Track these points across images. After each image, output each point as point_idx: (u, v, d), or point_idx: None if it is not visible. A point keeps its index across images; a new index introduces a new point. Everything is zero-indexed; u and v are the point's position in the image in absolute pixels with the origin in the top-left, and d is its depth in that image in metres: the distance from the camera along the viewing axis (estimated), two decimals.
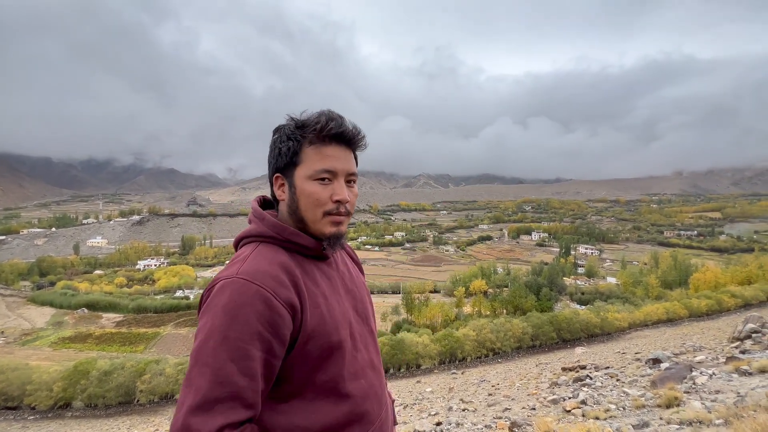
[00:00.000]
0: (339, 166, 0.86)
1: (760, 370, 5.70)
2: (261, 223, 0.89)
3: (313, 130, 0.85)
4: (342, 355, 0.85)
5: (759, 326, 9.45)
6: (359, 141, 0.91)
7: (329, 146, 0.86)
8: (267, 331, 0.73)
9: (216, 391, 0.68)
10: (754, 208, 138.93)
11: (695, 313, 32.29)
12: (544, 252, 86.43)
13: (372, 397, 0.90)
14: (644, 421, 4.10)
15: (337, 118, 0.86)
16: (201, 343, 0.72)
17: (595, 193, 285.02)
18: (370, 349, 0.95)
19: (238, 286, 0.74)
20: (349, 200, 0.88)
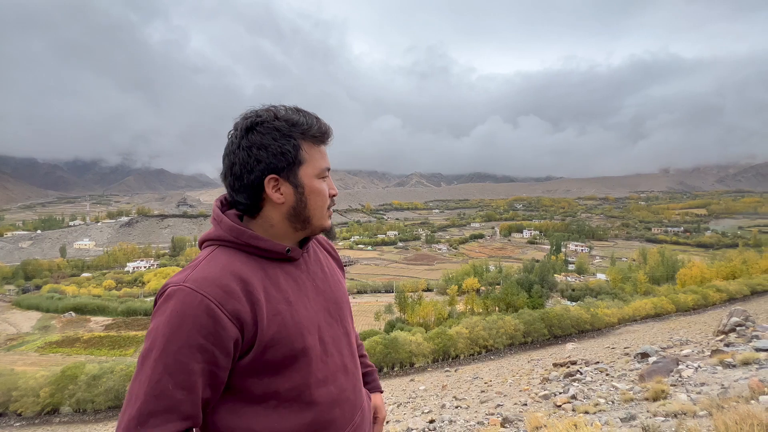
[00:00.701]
0: (330, 164, 0.92)
1: (743, 362, 5.85)
2: (219, 226, 0.85)
3: (317, 130, 0.86)
4: (308, 362, 0.82)
5: (743, 320, 9.69)
6: (332, 140, 0.94)
7: (322, 145, 0.90)
8: (209, 343, 0.71)
9: (151, 404, 0.68)
10: (737, 205, 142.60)
11: (682, 308, 33.00)
12: (535, 249, 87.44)
13: (342, 402, 0.88)
14: (632, 414, 4.18)
15: (318, 117, 0.88)
16: (145, 352, 0.72)
17: (584, 191, 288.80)
18: (343, 352, 0.92)
19: (183, 295, 0.72)
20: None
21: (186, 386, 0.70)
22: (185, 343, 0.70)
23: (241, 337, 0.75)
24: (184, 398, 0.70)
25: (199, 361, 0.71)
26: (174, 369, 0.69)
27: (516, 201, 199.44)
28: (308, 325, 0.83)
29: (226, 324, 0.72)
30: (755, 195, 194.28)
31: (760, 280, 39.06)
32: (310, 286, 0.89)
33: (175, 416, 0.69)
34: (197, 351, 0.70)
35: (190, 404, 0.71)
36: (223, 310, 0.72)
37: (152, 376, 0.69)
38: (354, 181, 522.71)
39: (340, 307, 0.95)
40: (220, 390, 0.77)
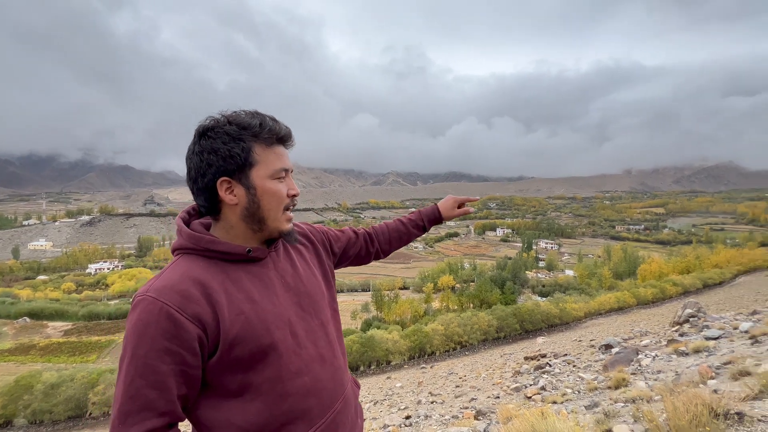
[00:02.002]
0: (288, 164, 0.93)
1: (694, 350, 6.30)
2: (180, 235, 0.90)
3: (269, 131, 0.88)
4: (278, 355, 0.86)
5: (696, 311, 10.41)
6: (291, 140, 0.96)
7: (278, 146, 0.91)
8: (174, 345, 0.77)
9: (128, 405, 0.75)
10: (692, 204, 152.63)
11: (642, 301, 35.05)
12: (508, 247, 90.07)
13: (319, 392, 0.91)
14: (595, 402, 4.42)
15: (275, 119, 0.91)
16: (120, 358, 0.79)
17: (554, 191, 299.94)
18: (319, 344, 0.95)
19: (146, 304, 0.78)
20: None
21: (157, 386, 0.76)
22: (151, 348, 0.76)
23: (205, 336, 0.80)
24: (156, 397, 0.76)
25: (167, 363, 0.76)
26: (144, 371, 0.75)
27: (490, 200, 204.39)
28: (275, 321, 0.87)
29: (187, 326, 0.78)
30: (707, 195, 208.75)
31: (711, 274, 42.12)
32: (278, 284, 0.92)
33: (151, 413, 0.76)
34: (164, 353, 0.76)
35: (164, 402, 0.77)
36: (183, 314, 0.78)
37: (125, 379, 0.76)
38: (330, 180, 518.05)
39: (314, 300, 0.98)
40: (197, 386, 0.82)
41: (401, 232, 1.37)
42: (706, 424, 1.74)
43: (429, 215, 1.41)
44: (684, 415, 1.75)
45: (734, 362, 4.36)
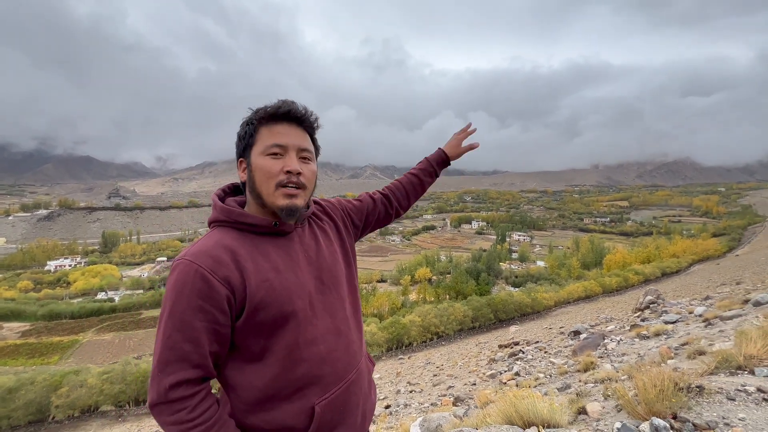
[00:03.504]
0: (289, 141, 0.96)
1: (655, 333, 6.74)
2: (214, 210, 0.99)
3: (264, 112, 0.95)
4: (297, 323, 0.93)
5: (655, 298, 11.11)
6: (308, 120, 1.00)
7: (280, 125, 0.96)
8: (207, 304, 0.86)
9: (166, 354, 0.85)
10: (653, 198, 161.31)
11: (608, 290, 36.98)
12: (482, 239, 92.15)
13: (333, 361, 0.98)
14: (567, 384, 4.66)
15: (287, 101, 0.97)
16: (160, 315, 0.88)
17: (527, 184, 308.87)
18: (336, 316, 1.02)
19: (183, 266, 0.87)
20: (302, 172, 0.96)
21: (192, 340, 0.85)
22: (187, 306, 0.85)
23: (233, 298, 0.88)
24: (191, 350, 0.86)
25: (200, 320, 0.86)
26: (181, 326, 0.85)
27: (465, 193, 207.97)
28: (297, 291, 0.94)
29: (218, 287, 0.86)
30: (667, 189, 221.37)
31: (669, 263, 44.98)
32: (302, 257, 1.00)
33: (186, 365, 0.85)
34: (198, 311, 0.85)
35: (197, 355, 0.86)
36: (215, 276, 0.86)
37: (164, 332, 0.86)
38: None
39: (334, 275, 1.05)
40: (226, 345, 0.91)
41: (415, 184, 1.44)
42: (671, 396, 1.89)
43: (437, 159, 1.48)
44: (652, 390, 1.89)
45: (690, 343, 4.71)
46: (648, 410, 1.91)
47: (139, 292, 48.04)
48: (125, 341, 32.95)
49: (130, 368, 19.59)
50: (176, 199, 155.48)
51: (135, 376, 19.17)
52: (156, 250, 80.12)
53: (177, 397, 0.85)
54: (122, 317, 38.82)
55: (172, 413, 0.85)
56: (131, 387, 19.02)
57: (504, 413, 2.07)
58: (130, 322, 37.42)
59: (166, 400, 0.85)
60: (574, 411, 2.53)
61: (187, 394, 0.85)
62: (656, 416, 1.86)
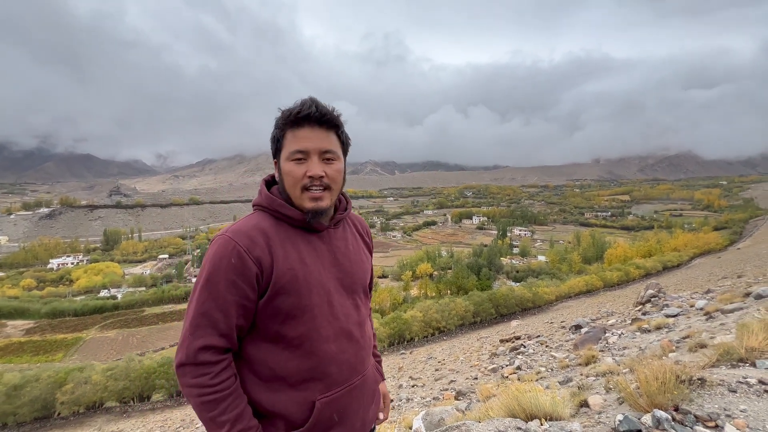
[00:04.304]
0: (310, 146, 0.99)
1: (656, 327, 6.75)
2: (259, 195, 1.07)
3: (287, 117, 1.00)
4: (313, 317, 0.98)
5: (656, 292, 11.12)
6: (328, 119, 1.01)
7: (302, 129, 1.00)
8: (239, 279, 0.93)
9: (198, 319, 0.92)
10: (654, 191, 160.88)
11: (609, 284, 37.00)
12: (483, 235, 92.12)
13: (341, 363, 1.03)
14: (568, 378, 4.68)
15: (307, 102, 0.99)
16: (196, 283, 0.96)
17: (528, 179, 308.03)
18: (349, 320, 1.06)
19: (223, 241, 0.95)
20: (324, 175, 1.00)
21: (222, 311, 0.93)
22: (222, 278, 0.92)
23: (261, 277, 0.95)
24: (221, 319, 0.93)
25: (232, 293, 0.93)
26: (215, 295, 0.92)
27: (466, 189, 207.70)
28: (317, 287, 1.00)
29: (250, 265, 0.93)
30: (668, 183, 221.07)
31: (670, 257, 44.92)
32: (328, 257, 1.05)
33: (215, 332, 0.92)
34: (231, 285, 0.92)
35: (225, 325, 0.93)
36: (249, 254, 0.94)
37: (199, 298, 0.93)
38: None
39: (354, 281, 1.10)
40: (250, 320, 0.97)
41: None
42: (673, 389, 1.90)
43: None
44: (653, 383, 1.90)
45: (692, 336, 4.71)
46: (650, 402, 1.92)
47: (141, 290, 48.25)
48: (128, 338, 33.15)
49: (133, 365, 19.72)
50: (177, 196, 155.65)
51: (139, 372, 19.31)
52: (157, 248, 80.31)
53: (204, 360, 0.91)
54: (125, 314, 39.01)
55: (196, 376, 0.91)
56: (135, 383, 19.16)
57: (506, 406, 2.09)
58: (133, 319, 37.62)
59: (194, 361, 0.91)
60: (576, 404, 2.54)
61: (213, 360, 0.92)
62: (658, 408, 1.87)
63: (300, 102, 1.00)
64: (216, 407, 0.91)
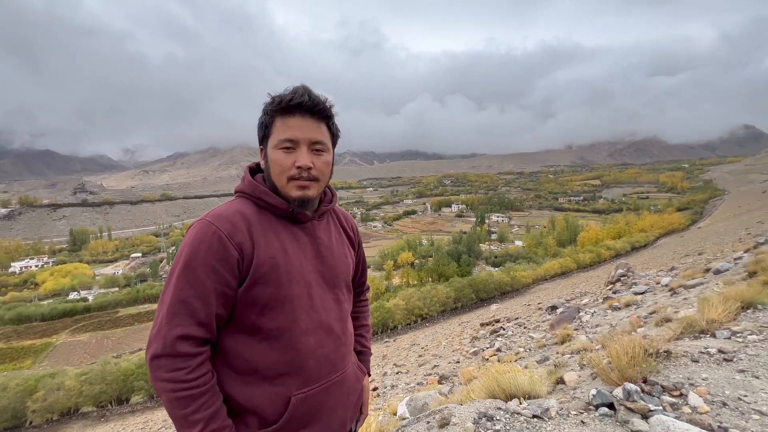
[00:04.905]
0: (300, 135, 0.96)
1: (625, 304, 7.10)
2: (242, 181, 1.03)
3: (278, 103, 0.95)
4: (292, 308, 0.94)
5: (626, 271, 11.67)
6: (320, 110, 0.98)
7: (292, 117, 0.96)
8: (220, 265, 0.88)
9: (175, 306, 0.86)
10: (623, 176, 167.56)
11: (582, 265, 38.57)
12: (462, 222, 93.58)
13: (320, 357, 0.98)
14: (545, 357, 4.86)
15: (299, 90, 0.96)
16: (172, 269, 0.91)
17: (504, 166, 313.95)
18: (330, 315, 1.02)
19: (203, 225, 0.91)
20: (312, 166, 0.96)
21: (201, 298, 0.87)
22: (202, 263, 0.87)
23: (242, 263, 0.91)
24: (200, 307, 0.87)
25: (212, 280, 0.88)
26: (194, 282, 0.87)
27: (445, 177, 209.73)
28: (298, 277, 0.96)
29: (231, 251, 0.89)
30: (636, 167, 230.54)
31: (638, 237, 47.19)
32: (310, 249, 1.02)
33: (192, 320, 0.87)
34: (211, 271, 0.88)
35: (204, 314, 0.88)
36: (230, 240, 0.90)
37: (176, 285, 0.87)
38: None
39: (336, 276, 1.06)
40: (229, 310, 0.92)
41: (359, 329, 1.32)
42: (641, 362, 2.01)
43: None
44: (624, 358, 2.00)
45: (658, 312, 4.99)
46: (621, 376, 2.02)
47: (114, 290, 46.43)
48: (102, 341, 31.96)
49: (109, 368, 19.09)
50: (148, 192, 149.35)
51: (115, 375, 18.71)
52: (129, 246, 77.21)
53: (182, 352, 0.85)
54: (98, 316, 37.52)
55: (171, 369, 0.85)
56: (112, 386, 18.58)
57: (487, 388, 2.14)
58: (106, 321, 36.25)
59: (171, 352, 0.85)
60: (553, 381, 2.64)
61: (191, 352, 0.86)
62: (628, 381, 1.97)
63: (292, 89, 0.97)
64: (190, 404, 0.85)
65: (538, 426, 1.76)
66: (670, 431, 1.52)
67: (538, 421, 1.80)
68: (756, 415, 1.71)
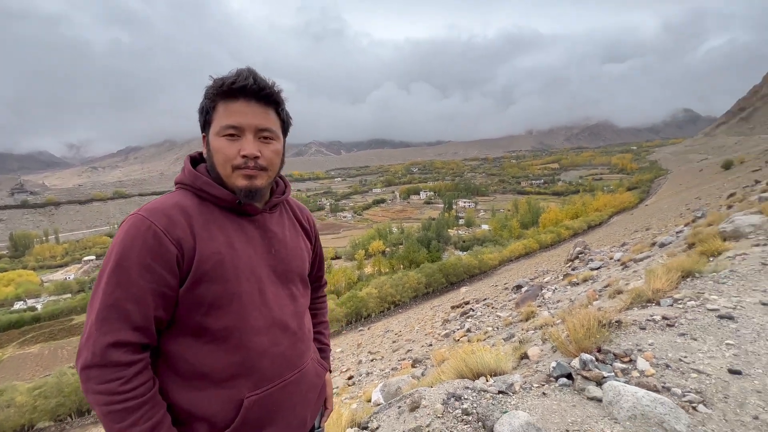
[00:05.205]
0: (245, 122, 0.87)
1: (583, 279, 7.57)
2: (182, 172, 0.94)
3: (219, 87, 0.87)
4: (242, 306, 0.87)
5: (583, 249, 12.41)
6: (267, 94, 0.90)
7: (236, 102, 0.87)
8: (156, 263, 0.80)
9: (105, 312, 0.78)
10: (579, 159, 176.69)
11: (544, 245, 40.61)
12: (431, 209, 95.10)
13: (274, 356, 0.92)
14: (511, 334, 5.10)
15: (243, 73, 0.87)
16: (102, 270, 0.82)
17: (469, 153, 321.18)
18: (285, 311, 0.96)
19: (136, 220, 0.82)
20: (259, 155, 0.88)
21: (136, 300, 0.79)
22: (135, 262, 0.79)
23: (182, 260, 0.83)
24: (134, 310, 0.79)
25: (147, 280, 0.80)
26: (126, 283, 0.79)
27: (412, 165, 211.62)
28: (247, 273, 0.89)
29: (169, 247, 0.81)
30: (590, 150, 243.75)
31: (593, 217, 50.27)
32: (261, 243, 0.94)
33: (126, 325, 0.78)
34: (145, 270, 0.80)
35: (140, 317, 0.80)
36: (167, 235, 0.82)
37: (106, 288, 0.79)
38: None
39: (290, 270, 0.99)
40: (170, 312, 0.84)
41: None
42: (596, 333, 2.14)
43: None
44: (580, 330, 2.12)
45: (611, 285, 5.35)
46: (578, 348, 2.15)
47: (66, 297, 43.26)
48: (56, 351, 29.85)
49: (66, 379, 17.89)
50: (98, 190, 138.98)
51: (74, 386, 17.58)
52: (81, 249, 71.89)
53: (115, 361, 0.77)
54: (49, 326, 34.87)
55: (103, 381, 0.76)
56: (70, 398, 17.47)
57: (455, 369, 2.21)
58: (60, 330, 33.79)
59: (102, 362, 0.76)
60: (518, 357, 2.77)
61: (125, 360, 0.78)
62: (584, 352, 2.10)
63: (235, 71, 0.87)
64: (126, 417, 0.77)
65: (503, 401, 1.84)
66: (620, 395, 1.64)
67: (503, 397, 1.88)
68: (694, 374, 1.88)
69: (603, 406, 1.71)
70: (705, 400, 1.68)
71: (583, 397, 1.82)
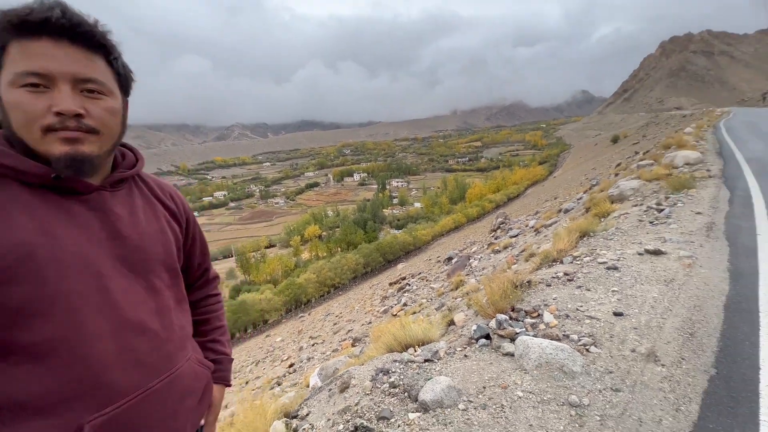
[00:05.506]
0: (55, 67, 0.63)
1: (504, 247, 8.28)
2: None
3: (9, 20, 0.62)
4: (70, 310, 0.66)
5: (504, 219, 13.55)
6: (86, 33, 0.65)
7: (38, 42, 0.63)
8: None
9: None
10: (498, 137, 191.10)
11: (471, 219, 43.71)
12: (365, 190, 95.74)
13: (129, 365, 0.72)
14: (443, 303, 5.40)
15: (47, 2, 0.63)
16: None
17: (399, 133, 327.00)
18: (139, 309, 0.75)
19: None
20: (84, 112, 0.65)
21: None
22: None
23: None
24: None
25: None
26: None
27: (344, 147, 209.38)
28: (77, 267, 0.67)
29: None
30: (508, 128, 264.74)
31: (512, 189, 55.19)
32: (99, 228, 0.72)
33: None
34: None
35: None
36: None
37: None
38: (159, 138, 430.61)
39: (146, 258, 0.77)
40: None
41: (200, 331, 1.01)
42: (510, 294, 2.34)
43: (215, 377, 1.02)
44: (497, 293, 2.30)
45: (526, 249, 5.92)
46: (495, 309, 2.33)
47: None
48: None
49: None
50: None
51: None
52: None
53: None
54: None
55: None
56: None
57: (386, 344, 2.26)
58: None
59: None
60: (445, 324, 2.93)
61: None
62: (500, 312, 2.28)
63: (41, 2, 0.62)
64: None
65: (428, 369, 1.93)
66: (529, 347, 1.82)
67: (429, 364, 1.97)
68: (588, 320, 2.16)
69: (515, 360, 1.88)
70: (596, 342, 1.94)
71: (499, 354, 1.99)
